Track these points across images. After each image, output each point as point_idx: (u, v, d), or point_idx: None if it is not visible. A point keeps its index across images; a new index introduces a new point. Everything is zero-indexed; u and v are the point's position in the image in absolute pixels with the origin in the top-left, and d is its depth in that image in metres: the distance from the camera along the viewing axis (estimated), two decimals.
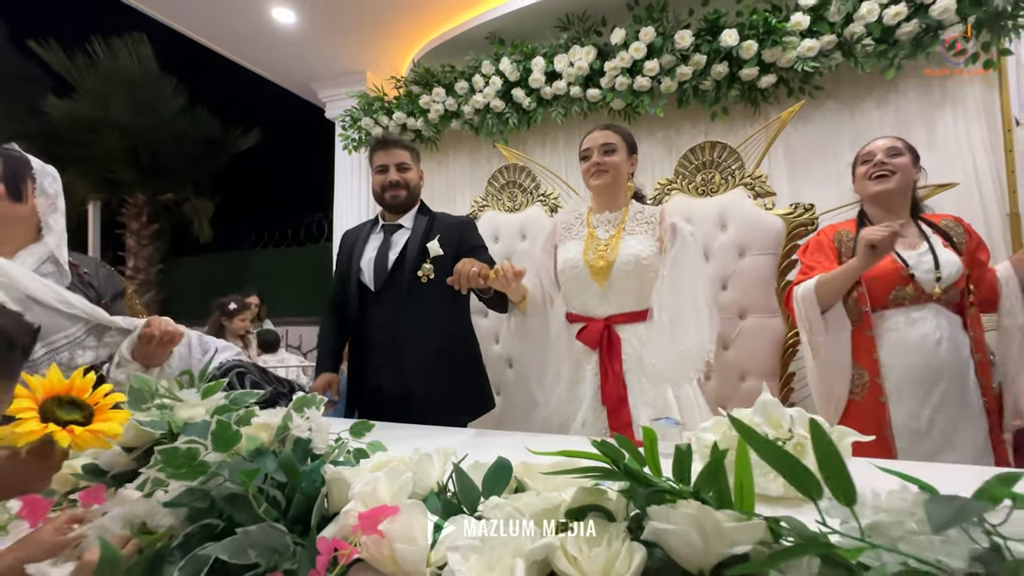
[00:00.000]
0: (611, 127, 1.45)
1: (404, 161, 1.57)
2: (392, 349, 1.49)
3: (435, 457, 0.62)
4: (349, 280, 1.59)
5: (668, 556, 0.41)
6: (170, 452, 0.56)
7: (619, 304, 1.39)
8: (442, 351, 1.50)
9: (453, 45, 2.96)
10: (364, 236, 1.62)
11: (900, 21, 2.09)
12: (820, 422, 0.72)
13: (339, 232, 3.72)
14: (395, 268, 1.51)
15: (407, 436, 1.17)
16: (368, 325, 1.55)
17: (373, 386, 1.52)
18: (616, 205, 1.45)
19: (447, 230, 1.55)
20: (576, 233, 1.47)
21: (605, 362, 1.36)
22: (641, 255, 1.34)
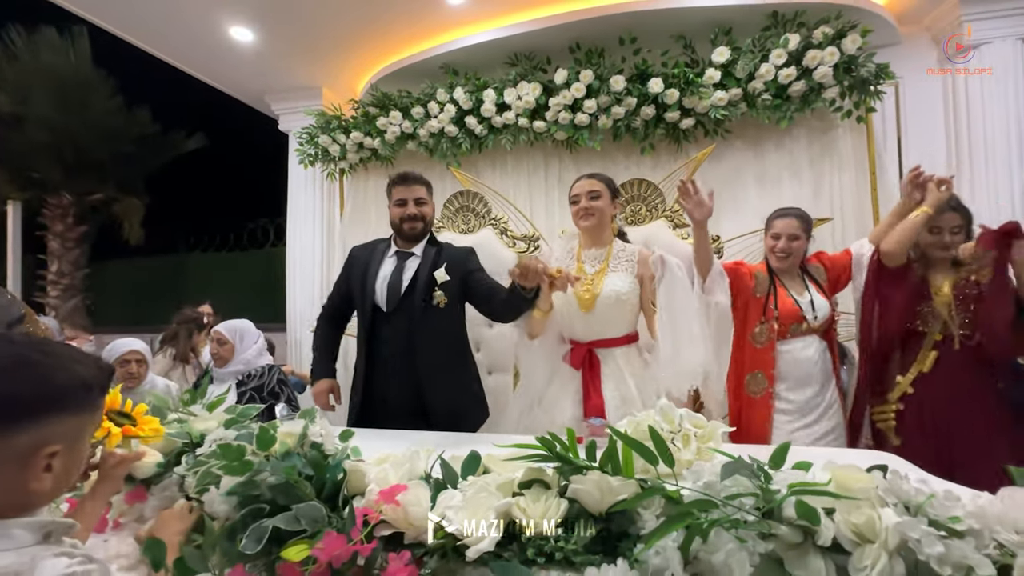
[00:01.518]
0: (596, 176, 1.70)
1: (422, 196, 1.74)
2: (401, 364, 1.65)
3: (422, 453, 0.85)
4: (362, 297, 1.73)
5: (581, 505, 0.66)
6: (226, 447, 0.75)
7: (600, 331, 1.65)
8: (450, 368, 1.70)
9: (409, 72, 3.14)
10: (378, 258, 1.75)
11: (791, 81, 2.51)
12: (697, 421, 1.02)
13: (292, 239, 3.80)
14: (407, 292, 1.67)
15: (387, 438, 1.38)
16: (378, 341, 1.70)
17: (380, 397, 1.68)
18: (602, 243, 1.70)
19: (452, 258, 1.72)
20: (567, 267, 1.69)
21: (588, 381, 1.62)
22: (621, 291, 1.61)
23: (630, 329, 1.69)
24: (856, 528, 0.62)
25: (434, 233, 1.84)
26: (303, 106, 3.62)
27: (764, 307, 1.81)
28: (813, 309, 1.81)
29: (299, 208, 3.80)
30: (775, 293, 1.82)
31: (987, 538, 0.59)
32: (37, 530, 0.52)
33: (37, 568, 0.49)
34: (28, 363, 0.55)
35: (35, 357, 0.55)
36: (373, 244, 1.85)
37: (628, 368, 1.64)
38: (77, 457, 0.62)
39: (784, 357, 1.79)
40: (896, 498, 0.65)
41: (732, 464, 0.66)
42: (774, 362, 1.79)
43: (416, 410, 1.64)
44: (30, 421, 0.53)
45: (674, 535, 0.61)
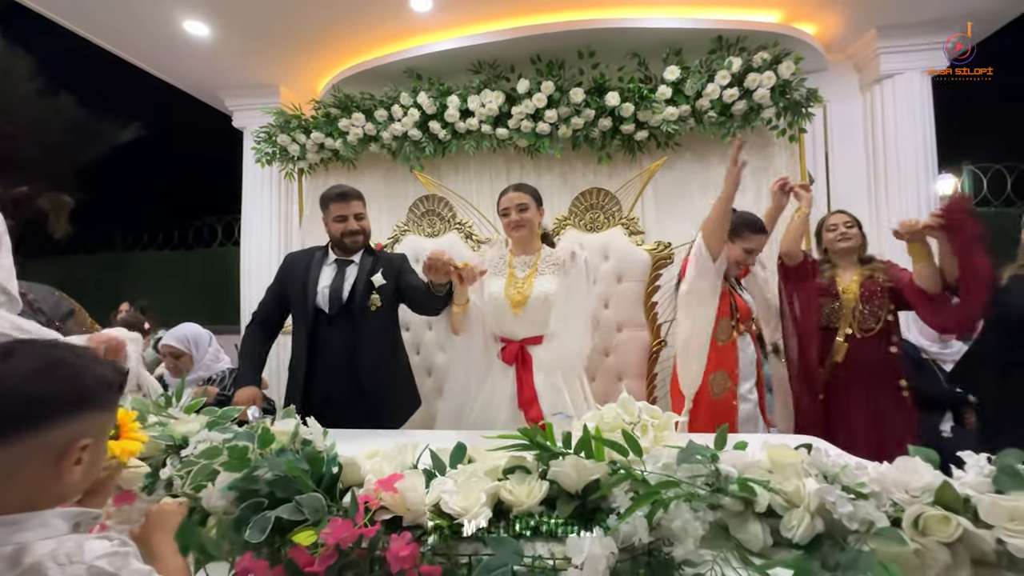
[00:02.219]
0: (521, 188, 1.82)
1: (360, 211, 1.82)
2: (343, 363, 1.74)
3: (408, 447, 0.92)
4: (303, 302, 1.79)
5: (560, 486, 0.76)
6: (233, 447, 0.80)
7: (531, 329, 1.78)
8: (386, 363, 1.80)
9: (372, 74, 3.15)
10: (316, 266, 1.83)
11: (734, 100, 2.73)
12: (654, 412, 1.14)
13: (247, 238, 3.70)
14: (349, 298, 1.77)
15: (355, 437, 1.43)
16: (320, 342, 1.78)
17: (323, 394, 1.75)
18: (531, 250, 1.83)
19: (388, 264, 1.83)
20: (500, 271, 1.83)
21: (520, 374, 1.75)
22: (549, 292, 1.74)
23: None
24: (786, 495, 0.75)
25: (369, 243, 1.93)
26: (259, 103, 3.54)
27: (730, 305, 1.93)
28: (753, 307, 2.02)
29: (255, 207, 3.70)
30: (731, 291, 1.97)
31: (885, 498, 0.73)
32: (70, 519, 0.57)
33: (85, 549, 0.53)
34: (64, 363, 0.59)
35: (69, 358, 0.59)
36: (310, 252, 1.91)
37: (556, 362, 1.77)
38: (101, 452, 0.66)
39: (741, 356, 1.95)
40: (817, 469, 0.79)
41: (687, 449, 0.78)
42: (736, 361, 1.92)
43: (357, 406, 1.72)
44: (68, 416, 0.58)
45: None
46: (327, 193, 1.86)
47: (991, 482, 0.69)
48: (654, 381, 2.32)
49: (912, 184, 3.09)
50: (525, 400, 1.73)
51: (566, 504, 0.74)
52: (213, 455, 0.89)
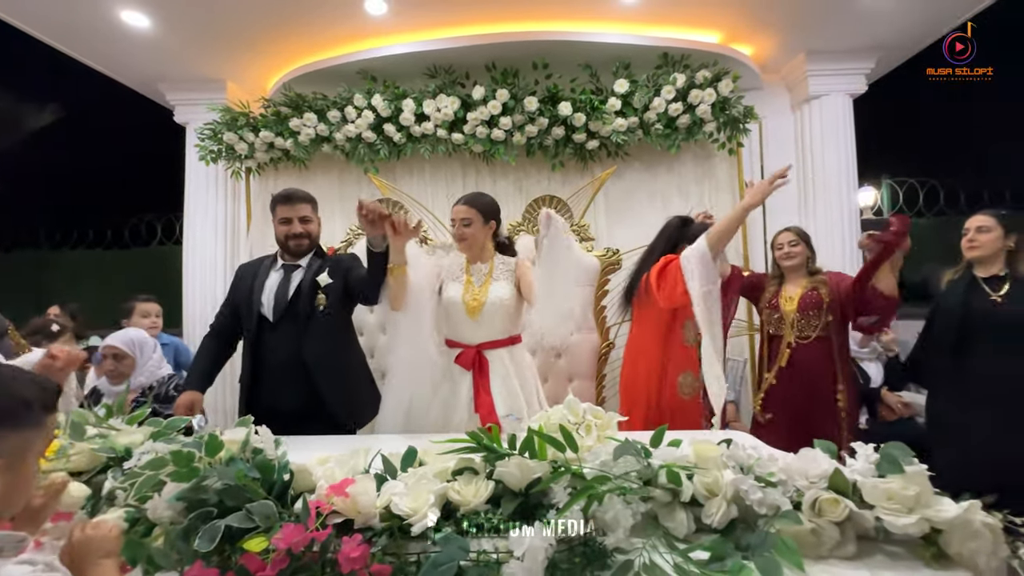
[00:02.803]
0: (470, 201, 1.83)
1: (306, 215, 1.81)
2: (292, 369, 1.72)
3: (360, 452, 0.95)
4: (248, 309, 1.78)
5: (505, 484, 0.81)
6: (178, 454, 0.80)
7: (488, 334, 1.82)
8: (338, 364, 1.78)
9: (325, 74, 3.10)
10: (264, 272, 1.82)
11: (679, 114, 2.89)
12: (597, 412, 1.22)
13: (191, 239, 3.54)
14: (293, 301, 1.75)
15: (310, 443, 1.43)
16: (264, 350, 1.76)
17: (267, 405, 1.72)
18: (484, 259, 1.87)
19: (336, 265, 1.83)
20: (457, 277, 1.87)
21: (477, 379, 1.78)
22: (504, 298, 1.79)
23: (514, 331, 1.87)
24: (707, 486, 0.84)
25: (321, 246, 1.92)
26: (204, 98, 3.41)
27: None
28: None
29: (198, 206, 3.55)
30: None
31: (790, 486, 0.83)
32: None
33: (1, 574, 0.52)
34: None
35: None
36: (260, 260, 1.92)
37: (513, 366, 1.83)
38: (22, 475, 0.64)
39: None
40: (735, 462, 0.88)
41: (622, 446, 0.86)
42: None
43: (314, 410, 1.71)
44: None
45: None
46: (274, 195, 1.86)
47: (875, 468, 0.80)
48: (603, 382, 2.43)
49: (836, 196, 3.36)
50: (482, 404, 1.76)
51: (510, 502, 0.79)
52: (159, 466, 0.88)
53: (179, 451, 0.81)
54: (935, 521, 0.72)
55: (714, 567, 0.73)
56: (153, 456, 0.91)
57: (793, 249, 2.24)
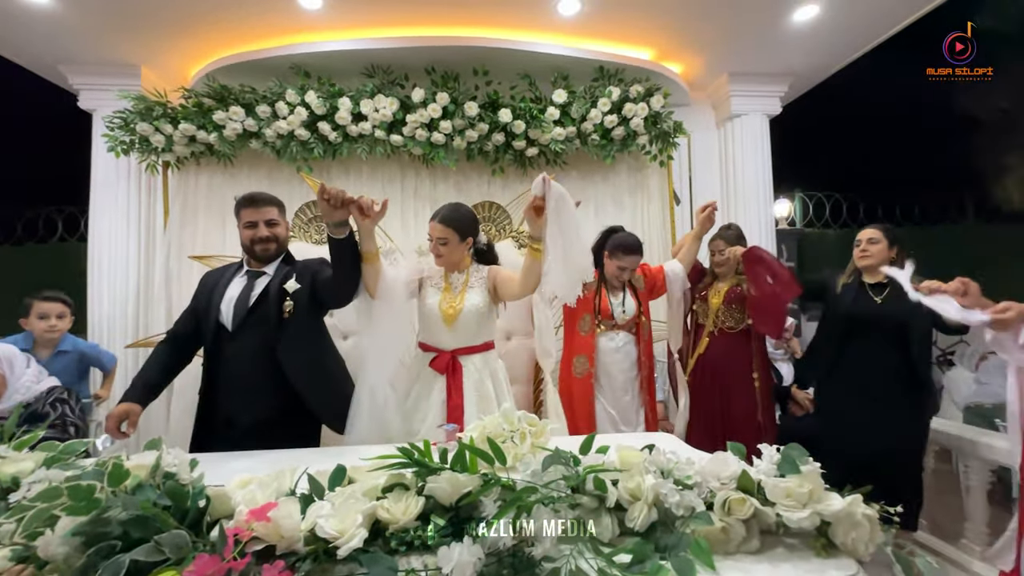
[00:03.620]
0: (446, 220, 1.81)
1: (273, 217, 1.72)
2: (253, 381, 1.63)
3: (285, 473, 0.91)
4: (206, 318, 1.68)
5: (435, 500, 0.81)
6: (75, 488, 0.73)
7: (463, 340, 1.85)
8: (314, 367, 1.70)
9: (253, 67, 2.93)
10: (226, 280, 1.72)
11: (614, 126, 3.00)
12: (531, 420, 1.24)
13: (97, 236, 3.22)
14: (254, 309, 1.65)
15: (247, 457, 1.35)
16: (222, 361, 1.66)
17: (226, 416, 1.64)
18: (461, 268, 1.90)
19: (304, 269, 1.75)
20: (436, 284, 1.89)
21: (450, 384, 1.81)
22: (479, 305, 1.84)
23: (488, 338, 1.94)
24: (630, 491, 0.88)
25: (290, 252, 1.85)
26: (115, 84, 3.12)
27: (595, 305, 2.26)
28: (624, 309, 2.29)
29: (107, 201, 3.24)
30: (599, 295, 2.28)
31: (704, 487, 0.89)
32: None
33: None
34: None
35: None
36: (225, 267, 1.83)
37: (485, 371, 1.89)
38: None
39: (600, 346, 2.27)
40: (656, 467, 0.93)
41: (551, 456, 0.88)
42: (595, 348, 2.26)
43: (271, 424, 1.63)
44: None
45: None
46: (238, 198, 1.75)
47: (776, 468, 0.88)
48: (540, 386, 2.48)
49: (755, 207, 3.63)
50: (453, 408, 1.79)
51: (440, 516, 0.79)
52: (52, 497, 0.80)
53: (76, 485, 0.75)
54: (824, 514, 0.80)
55: (635, 569, 0.77)
56: (46, 486, 0.83)
57: (725, 254, 2.42)
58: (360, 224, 1.54)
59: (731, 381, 2.36)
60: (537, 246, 1.65)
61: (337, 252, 1.56)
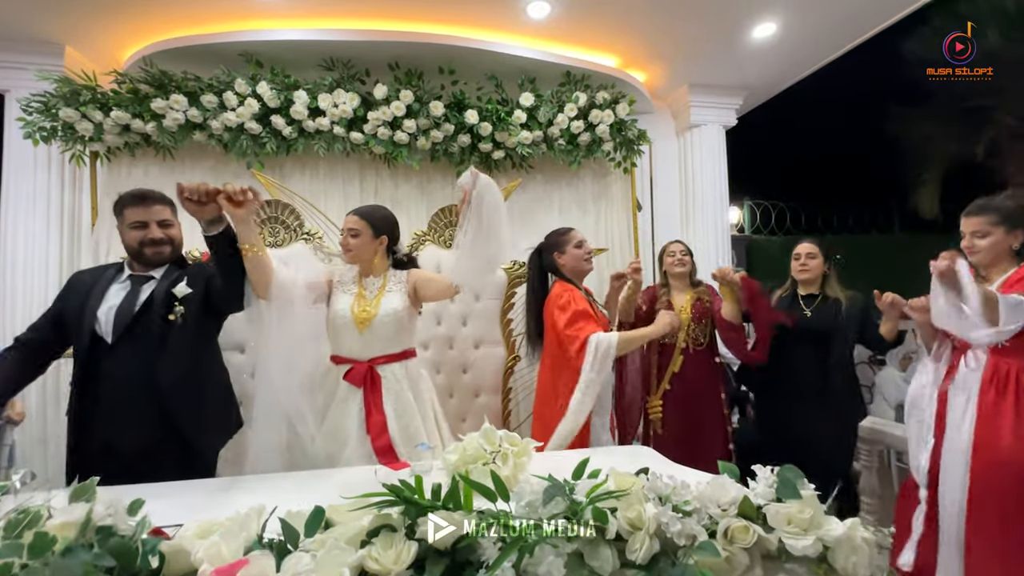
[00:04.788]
0: (361, 212, 1.73)
1: (166, 218, 1.52)
2: (135, 397, 1.44)
3: (252, 516, 0.81)
4: (78, 329, 1.47)
5: (428, 543, 0.74)
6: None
7: (380, 348, 1.70)
8: (196, 383, 1.52)
9: (198, 52, 2.70)
10: (104, 285, 1.50)
11: (580, 132, 2.99)
12: (512, 439, 1.19)
13: (10, 231, 2.88)
14: (139, 317, 1.46)
15: (168, 493, 1.21)
16: (99, 377, 1.45)
17: (104, 441, 1.44)
18: (376, 272, 1.76)
19: (197, 273, 1.56)
20: (348, 289, 1.74)
21: (369, 397, 1.65)
22: (397, 309, 1.69)
23: (407, 345, 1.79)
24: (630, 521, 0.85)
25: (183, 255, 1.66)
26: (33, 63, 2.79)
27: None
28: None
29: (23, 193, 2.90)
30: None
31: (704, 514, 0.87)
32: None
33: None
34: None
35: None
36: (101, 269, 1.61)
37: (407, 380, 1.74)
38: None
39: None
40: (654, 493, 0.90)
41: (551, 488, 0.83)
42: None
43: (156, 449, 1.46)
44: None
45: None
46: (122, 196, 1.54)
47: (774, 492, 0.88)
48: (509, 395, 2.43)
49: (712, 213, 3.75)
50: (375, 426, 1.64)
51: (436, 563, 0.72)
52: None
53: None
54: (826, 540, 0.80)
55: None
56: None
57: (684, 258, 2.47)
58: (234, 215, 1.37)
59: (704, 395, 2.37)
60: None
61: (215, 250, 1.41)
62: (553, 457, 1.54)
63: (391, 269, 1.79)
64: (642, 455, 1.56)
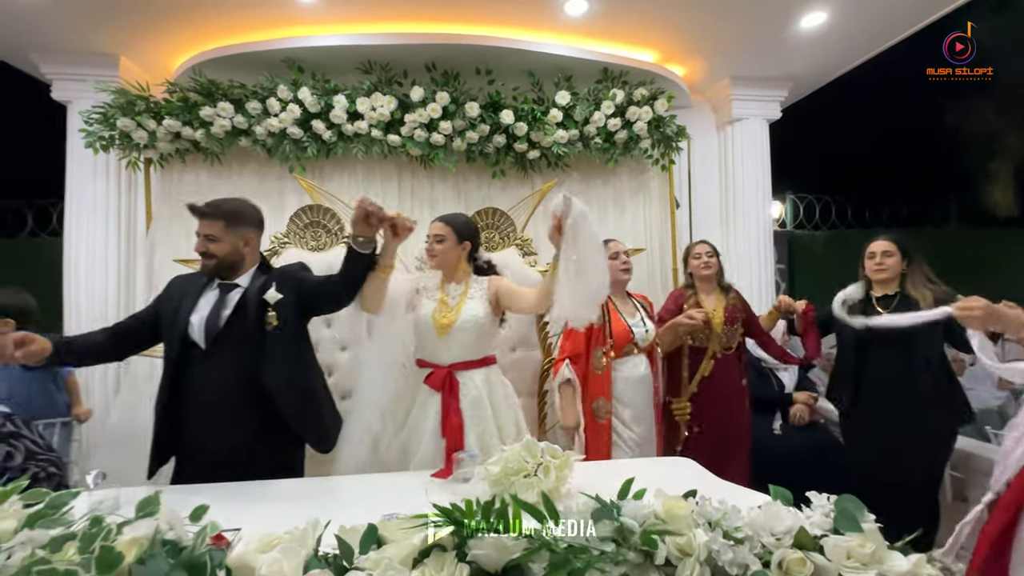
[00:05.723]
0: (445, 219, 1.81)
1: (211, 232, 1.55)
2: (230, 402, 1.51)
3: (308, 531, 0.84)
4: (171, 334, 1.55)
5: (479, 566, 0.75)
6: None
7: (459, 354, 1.76)
8: (302, 384, 1.60)
9: (243, 60, 2.78)
10: (196, 292, 1.58)
11: (617, 130, 2.94)
12: (554, 452, 1.19)
13: (76, 231, 3.05)
14: (232, 324, 1.52)
15: (242, 493, 1.27)
16: (193, 380, 1.53)
17: (197, 443, 1.52)
18: (458, 279, 1.83)
19: (282, 276, 1.62)
20: (431, 295, 1.82)
21: (446, 401, 1.72)
22: (478, 316, 1.75)
23: (487, 352, 1.85)
24: (680, 547, 0.84)
25: (266, 259, 1.71)
26: (91, 75, 2.94)
27: (605, 331, 2.09)
28: (646, 331, 2.17)
29: (84, 197, 3.06)
30: (608, 319, 2.11)
31: (756, 542, 0.85)
32: None
33: None
34: None
35: None
36: (197, 276, 1.67)
37: (486, 388, 1.80)
38: None
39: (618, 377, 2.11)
40: (703, 518, 0.88)
41: (599, 511, 0.83)
42: (611, 383, 2.08)
43: (251, 450, 1.53)
44: None
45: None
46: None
47: (832, 522, 0.85)
48: (544, 398, 2.43)
49: (753, 210, 3.62)
50: (450, 428, 1.70)
51: None
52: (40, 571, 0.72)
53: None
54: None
55: None
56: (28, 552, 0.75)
57: (710, 260, 2.40)
58: (389, 241, 1.54)
59: (732, 399, 2.34)
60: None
61: (355, 264, 1.53)
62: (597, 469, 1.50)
63: (473, 276, 1.85)
64: (682, 467, 1.53)
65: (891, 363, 2.05)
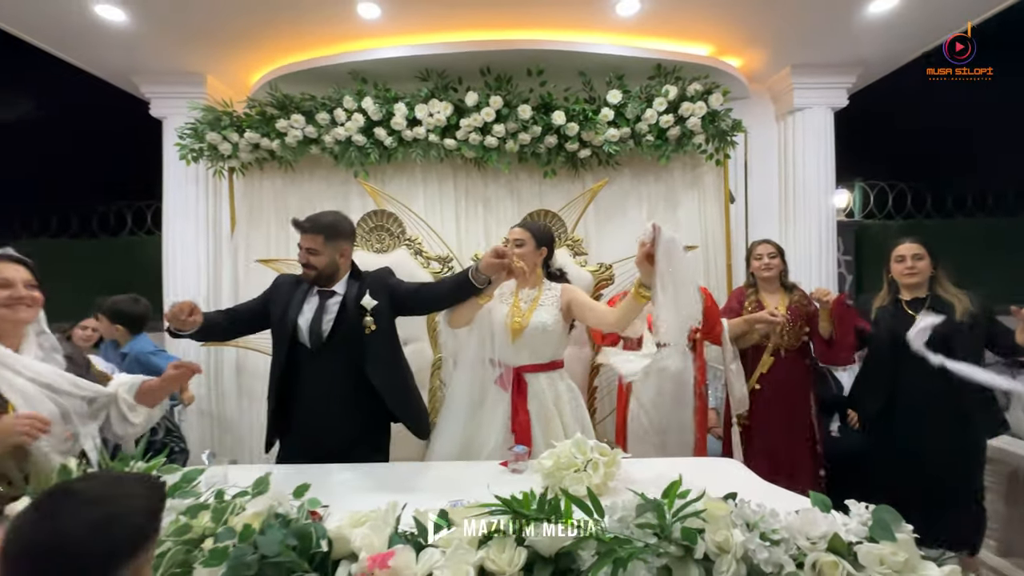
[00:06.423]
0: (524, 224, 1.95)
1: (312, 246, 1.70)
2: (333, 401, 1.71)
3: (390, 511, 0.99)
4: (281, 333, 1.74)
5: (536, 550, 0.87)
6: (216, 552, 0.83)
7: (528, 357, 1.90)
8: (403, 381, 1.82)
9: (312, 74, 3.00)
10: (300, 297, 1.76)
11: (670, 126, 2.92)
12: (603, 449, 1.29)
13: (172, 231, 3.41)
14: (336, 328, 1.71)
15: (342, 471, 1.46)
16: (302, 377, 1.73)
17: (305, 434, 1.73)
18: (532, 284, 1.95)
19: (375, 283, 1.78)
20: (506, 299, 1.95)
21: (515, 400, 1.86)
22: (547, 323, 1.87)
23: (555, 356, 1.96)
24: (718, 544, 0.91)
25: (357, 266, 1.86)
26: (181, 92, 3.27)
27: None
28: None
29: (178, 202, 3.43)
30: None
31: (792, 544, 0.91)
32: None
33: None
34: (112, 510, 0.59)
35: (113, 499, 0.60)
36: (297, 280, 1.84)
37: (551, 390, 1.92)
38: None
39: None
40: (742, 519, 0.96)
41: (644, 504, 0.92)
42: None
43: (355, 441, 1.72)
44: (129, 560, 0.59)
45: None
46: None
47: (868, 531, 0.89)
48: (595, 394, 2.51)
49: (815, 202, 3.49)
50: (519, 425, 1.85)
51: (543, 568, 0.85)
52: (181, 533, 0.91)
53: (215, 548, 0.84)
54: None
55: None
56: (172, 519, 0.94)
57: (772, 261, 2.37)
58: (498, 277, 1.70)
59: (793, 399, 2.31)
60: (646, 293, 1.64)
61: (466, 292, 1.72)
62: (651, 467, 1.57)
63: (546, 282, 1.96)
64: (728, 468, 1.58)
65: (928, 370, 1.96)
